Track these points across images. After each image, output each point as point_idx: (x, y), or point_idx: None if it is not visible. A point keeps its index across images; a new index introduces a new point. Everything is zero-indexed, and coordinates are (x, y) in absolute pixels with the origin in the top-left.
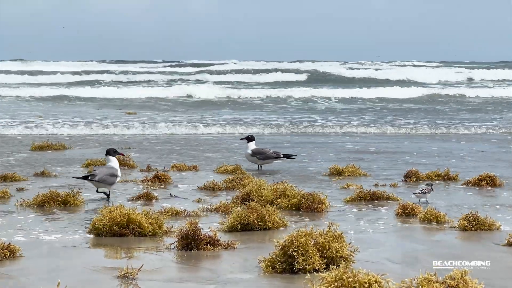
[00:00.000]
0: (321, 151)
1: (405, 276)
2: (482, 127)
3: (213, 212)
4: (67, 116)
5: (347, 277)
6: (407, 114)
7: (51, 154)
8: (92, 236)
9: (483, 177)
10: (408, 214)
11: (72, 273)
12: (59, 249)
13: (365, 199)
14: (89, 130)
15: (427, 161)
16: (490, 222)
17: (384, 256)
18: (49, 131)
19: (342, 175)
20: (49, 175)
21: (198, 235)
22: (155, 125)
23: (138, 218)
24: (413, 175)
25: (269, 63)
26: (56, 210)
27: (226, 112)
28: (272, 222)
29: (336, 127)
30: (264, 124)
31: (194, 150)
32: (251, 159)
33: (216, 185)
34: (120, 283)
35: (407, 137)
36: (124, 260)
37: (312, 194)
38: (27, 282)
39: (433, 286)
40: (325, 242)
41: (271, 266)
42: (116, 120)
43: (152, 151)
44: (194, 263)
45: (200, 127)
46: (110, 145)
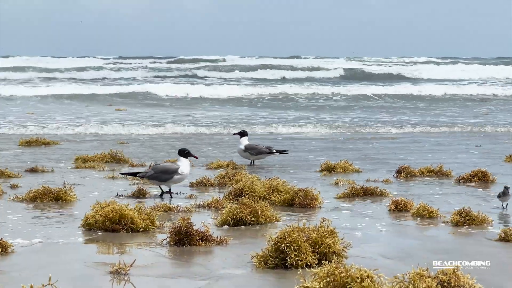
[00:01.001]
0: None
1: (397, 271)
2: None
3: (205, 208)
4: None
5: (339, 272)
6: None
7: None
8: (85, 231)
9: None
10: (401, 210)
11: (64, 268)
12: (51, 244)
13: (358, 194)
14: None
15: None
16: (483, 217)
17: (377, 251)
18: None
19: (334, 171)
20: (42, 171)
21: (191, 231)
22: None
23: (131, 214)
24: (403, 171)
25: (267, 59)
26: (48, 205)
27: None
28: (264, 218)
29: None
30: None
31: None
32: (244, 154)
33: (208, 180)
34: (112, 278)
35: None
36: (116, 256)
37: (304, 190)
38: (19, 278)
39: (425, 281)
40: (317, 238)
41: (263, 261)
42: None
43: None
44: (187, 258)
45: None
46: (106, 141)
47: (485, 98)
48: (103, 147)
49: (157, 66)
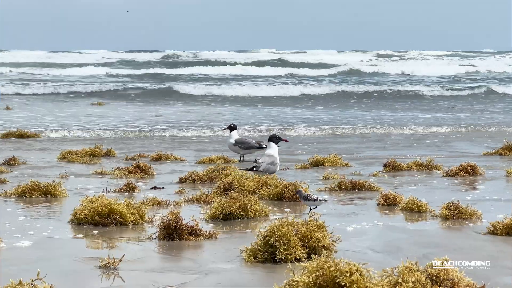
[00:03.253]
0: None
1: (387, 265)
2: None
3: (195, 202)
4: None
5: (328, 266)
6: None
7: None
8: (74, 226)
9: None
10: (390, 204)
11: (54, 263)
12: (40, 239)
13: (346, 188)
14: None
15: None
16: (471, 211)
17: (366, 245)
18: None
19: (323, 165)
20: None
21: (180, 225)
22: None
23: (120, 208)
24: (390, 165)
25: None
26: (37, 200)
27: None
28: (254, 212)
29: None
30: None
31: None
32: (233, 148)
33: (197, 175)
34: (102, 273)
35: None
36: (105, 250)
37: (294, 183)
38: (8, 273)
39: (414, 274)
40: (306, 232)
41: (253, 255)
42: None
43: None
44: (176, 253)
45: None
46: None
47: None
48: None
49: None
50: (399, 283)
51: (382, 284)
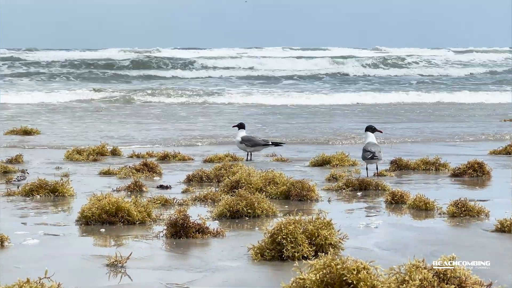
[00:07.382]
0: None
1: (394, 263)
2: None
3: (202, 200)
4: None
5: (335, 264)
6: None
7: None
8: (81, 224)
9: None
10: (397, 201)
11: (61, 261)
12: (48, 237)
13: (354, 186)
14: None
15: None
16: (479, 208)
17: (373, 243)
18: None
19: (330, 163)
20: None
21: (187, 223)
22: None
23: (127, 206)
24: (395, 163)
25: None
26: (45, 198)
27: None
28: (261, 210)
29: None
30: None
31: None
32: (240, 146)
33: (204, 172)
34: (109, 271)
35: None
36: (113, 248)
37: (301, 181)
38: (16, 271)
39: (421, 272)
40: (314, 230)
41: (260, 253)
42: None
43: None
44: (183, 251)
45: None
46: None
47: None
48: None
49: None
50: (406, 280)
51: (389, 282)
